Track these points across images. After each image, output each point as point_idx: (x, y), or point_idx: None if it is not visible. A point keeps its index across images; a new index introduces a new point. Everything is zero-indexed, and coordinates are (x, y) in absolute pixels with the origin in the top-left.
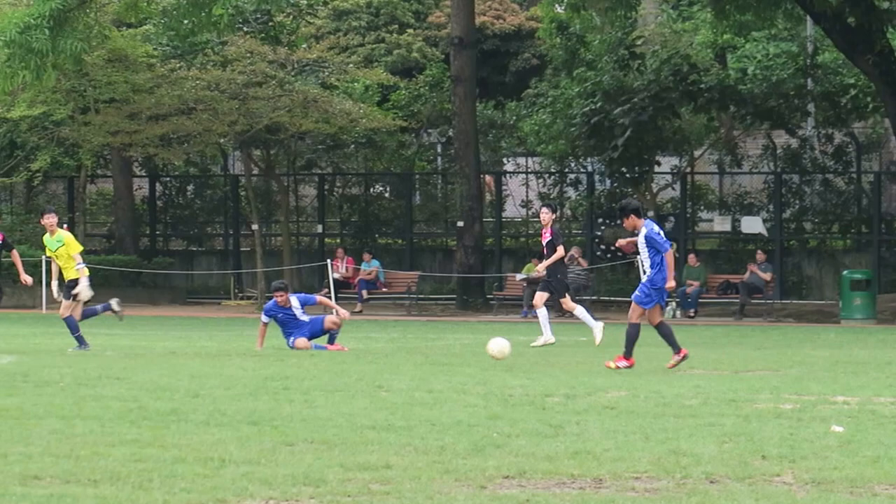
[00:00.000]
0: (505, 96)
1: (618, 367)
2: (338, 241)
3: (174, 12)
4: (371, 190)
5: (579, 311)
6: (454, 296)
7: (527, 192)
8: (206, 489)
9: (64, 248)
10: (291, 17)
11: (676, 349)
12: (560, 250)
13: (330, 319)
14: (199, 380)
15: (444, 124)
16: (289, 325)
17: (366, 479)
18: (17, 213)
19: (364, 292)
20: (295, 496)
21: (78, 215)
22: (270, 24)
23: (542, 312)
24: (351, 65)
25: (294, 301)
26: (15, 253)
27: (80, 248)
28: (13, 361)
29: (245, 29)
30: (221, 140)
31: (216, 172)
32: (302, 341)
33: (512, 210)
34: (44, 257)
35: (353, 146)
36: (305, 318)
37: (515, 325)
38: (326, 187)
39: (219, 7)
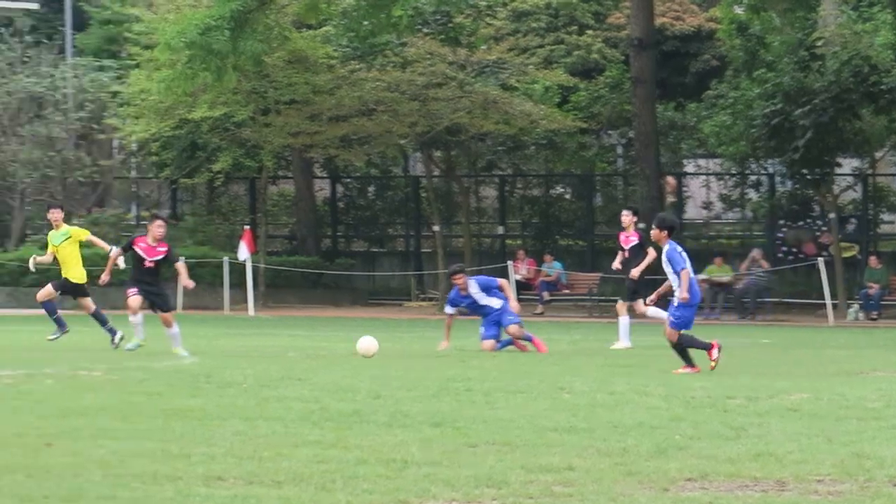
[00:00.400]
0: (685, 97)
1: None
2: (519, 242)
3: (354, 13)
4: (552, 191)
5: (652, 311)
6: None
7: (707, 193)
8: (388, 490)
9: (69, 241)
10: (471, 18)
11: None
12: (652, 253)
13: (514, 330)
14: (381, 381)
15: (624, 125)
16: (476, 313)
17: (548, 480)
18: (198, 214)
19: (545, 294)
20: (477, 498)
21: (259, 216)
22: (450, 25)
23: (624, 320)
24: (531, 66)
25: (473, 286)
26: (181, 266)
27: (87, 232)
28: (196, 362)
29: (425, 30)
30: (402, 141)
31: (397, 174)
32: (489, 343)
33: (692, 211)
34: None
35: (533, 147)
36: (492, 301)
37: (697, 327)
38: (507, 188)
39: (398, 8)
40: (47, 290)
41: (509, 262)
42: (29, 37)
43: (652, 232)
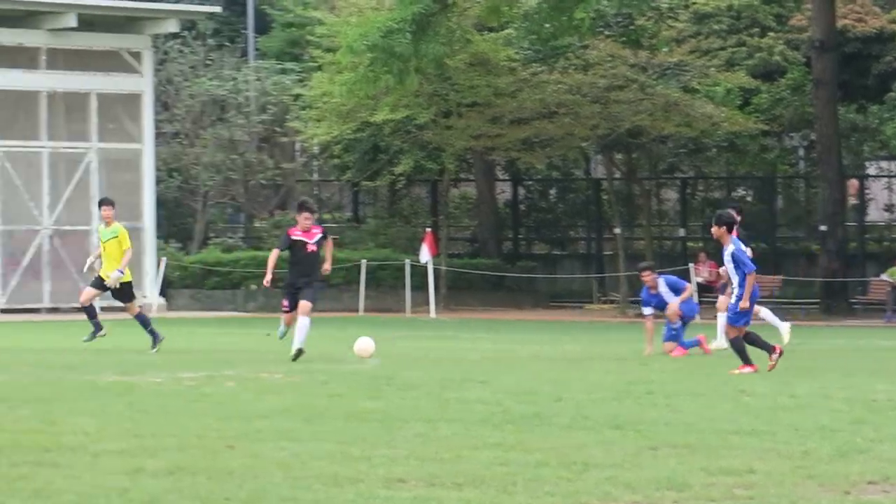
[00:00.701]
0: (867, 100)
1: (741, 373)
2: (700, 244)
3: (536, 16)
4: (733, 193)
5: (764, 312)
6: (818, 300)
7: (890, 195)
8: (569, 493)
9: (115, 241)
10: (652, 20)
11: (747, 360)
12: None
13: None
14: (562, 384)
15: (805, 128)
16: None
17: (729, 483)
18: (380, 216)
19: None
20: (658, 500)
21: (441, 219)
22: (631, 27)
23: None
24: (712, 68)
25: (662, 285)
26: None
27: (130, 245)
28: (378, 365)
29: (606, 32)
30: (583, 144)
31: (578, 176)
32: (670, 345)
33: (875, 214)
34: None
35: (714, 150)
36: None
37: (878, 330)
38: (688, 191)
39: (580, 10)
40: (88, 293)
41: (690, 265)
42: (212, 40)
43: (712, 230)
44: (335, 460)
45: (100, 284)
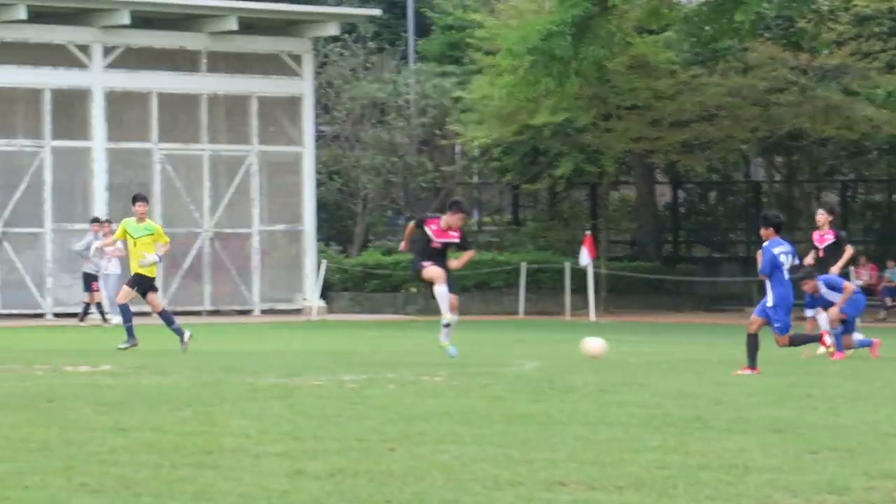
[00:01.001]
0: None
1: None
2: (861, 247)
3: (696, 19)
4: (894, 196)
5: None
6: None
7: None
8: (729, 496)
9: (150, 238)
10: (813, 22)
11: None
12: (850, 250)
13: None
14: (722, 387)
15: None
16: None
17: (889, 487)
18: (539, 219)
19: (888, 300)
20: None
21: (600, 222)
22: (792, 29)
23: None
24: (873, 70)
25: (823, 287)
26: (470, 253)
27: (167, 240)
28: (537, 367)
29: (766, 35)
30: (743, 146)
31: (738, 179)
32: (836, 352)
33: None
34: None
35: (875, 152)
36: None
37: None
38: (849, 193)
39: (741, 13)
40: (125, 292)
41: (851, 268)
42: (372, 43)
43: (762, 231)
44: (496, 463)
45: (136, 281)
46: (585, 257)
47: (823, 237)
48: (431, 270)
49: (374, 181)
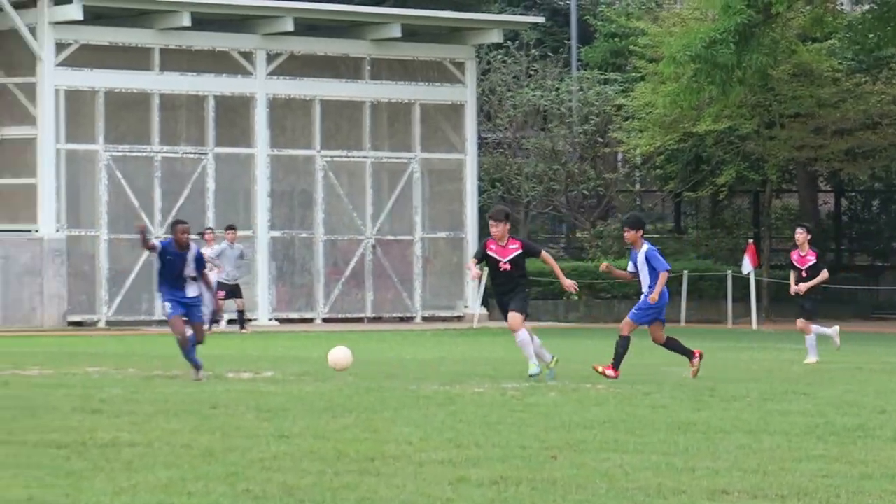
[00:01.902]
0: None
1: (605, 374)
2: None
3: (859, 26)
4: None
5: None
6: None
7: None
8: None
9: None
10: None
11: (689, 354)
12: (824, 274)
13: None
14: (885, 396)
15: None
16: None
17: None
18: (702, 227)
19: None
20: None
21: (763, 230)
22: None
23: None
24: None
25: None
26: (548, 258)
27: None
28: (700, 376)
29: None
30: None
31: None
32: None
33: None
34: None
35: None
36: None
37: None
38: None
39: None
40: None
41: None
42: (535, 50)
43: (626, 234)
44: (659, 471)
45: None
46: (748, 265)
47: (804, 258)
48: (510, 318)
49: (535, 188)
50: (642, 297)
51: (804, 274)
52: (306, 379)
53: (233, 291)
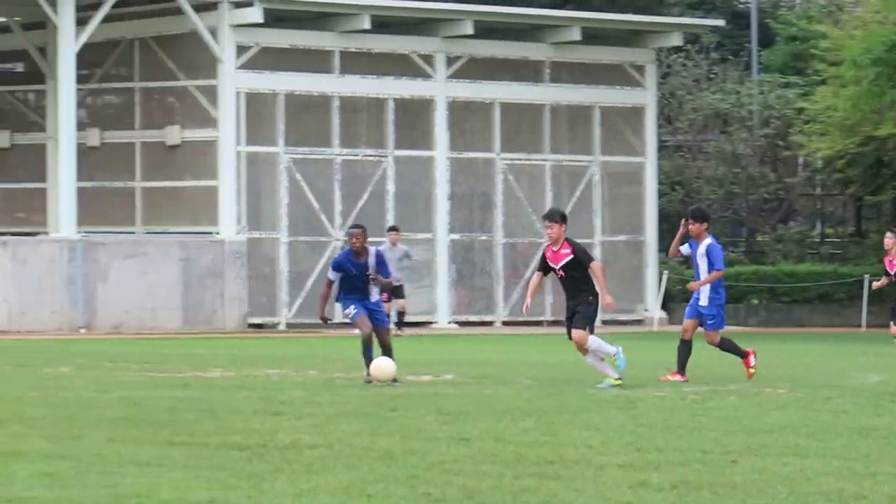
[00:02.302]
0: None
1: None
2: None
3: None
4: None
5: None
6: None
7: None
8: None
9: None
10: None
11: (682, 370)
12: None
13: None
14: None
15: None
16: None
17: None
18: (883, 231)
19: None
20: None
21: None
22: None
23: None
24: None
25: None
26: (597, 269)
27: None
28: (881, 381)
29: None
30: None
31: None
32: None
33: None
34: None
35: None
36: None
37: None
38: None
39: None
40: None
41: None
42: (715, 53)
43: (691, 227)
44: (840, 476)
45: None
46: None
47: (893, 262)
48: (573, 336)
49: (716, 192)
50: (705, 299)
51: (894, 279)
52: (486, 382)
53: (395, 292)
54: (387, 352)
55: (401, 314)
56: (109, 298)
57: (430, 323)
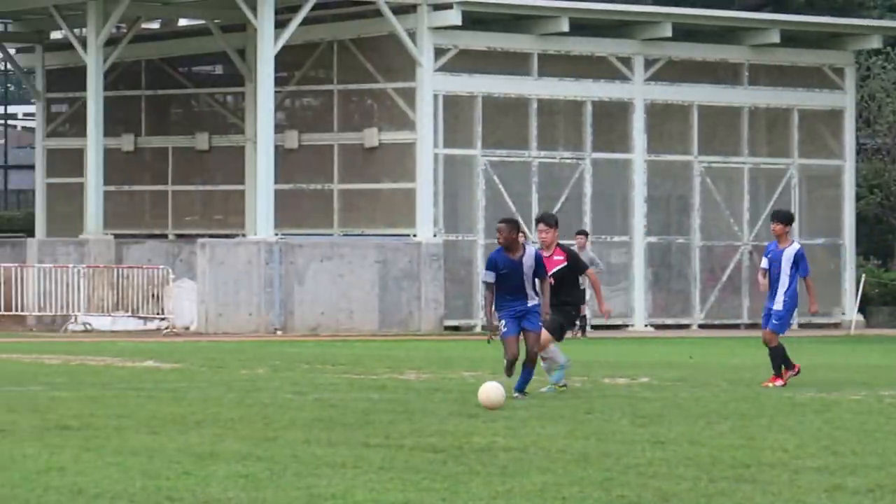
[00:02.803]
0: None
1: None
2: None
3: None
4: None
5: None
6: None
7: None
8: None
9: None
10: None
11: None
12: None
13: None
14: None
15: None
16: None
17: None
18: None
19: None
20: None
21: None
22: None
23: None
24: None
25: None
26: (592, 275)
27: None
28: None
29: None
30: None
31: None
32: None
33: None
34: None
35: None
36: None
37: None
38: None
39: None
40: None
41: None
42: None
43: (775, 228)
44: None
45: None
46: None
47: None
48: (543, 336)
49: None
50: (780, 303)
51: None
52: (682, 385)
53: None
54: (530, 361)
55: (583, 318)
56: (306, 300)
57: (626, 326)
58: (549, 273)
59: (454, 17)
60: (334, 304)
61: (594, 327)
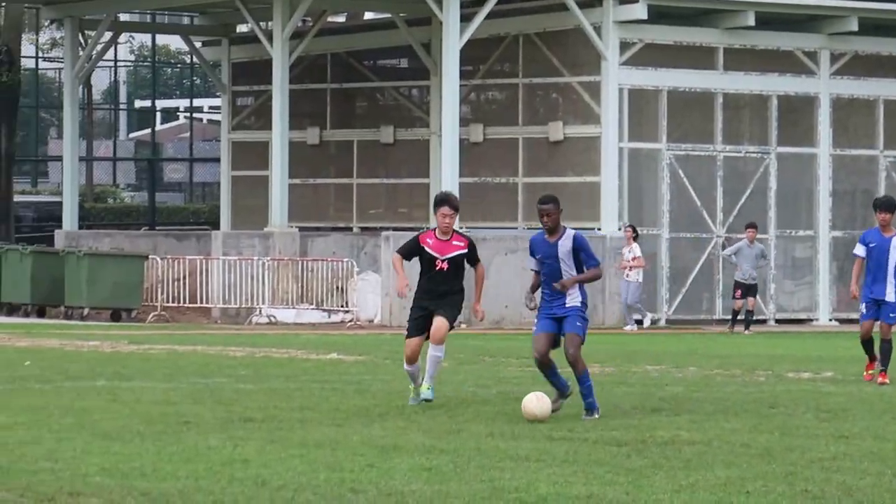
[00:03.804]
0: None
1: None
2: None
3: None
4: None
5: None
6: None
7: None
8: None
9: None
10: None
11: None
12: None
13: None
14: None
15: None
16: None
17: None
18: None
19: None
20: None
21: None
22: None
23: None
24: None
25: None
26: (480, 272)
27: None
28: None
29: None
30: None
31: None
32: None
33: None
34: None
35: None
36: None
37: None
38: None
39: None
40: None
41: None
42: None
43: (881, 216)
44: None
45: None
46: None
47: None
48: (436, 325)
49: None
50: (892, 294)
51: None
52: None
53: (748, 290)
54: (573, 368)
55: (749, 312)
56: (490, 293)
57: (811, 320)
58: (444, 257)
59: (640, 11)
60: (518, 297)
61: (777, 321)
